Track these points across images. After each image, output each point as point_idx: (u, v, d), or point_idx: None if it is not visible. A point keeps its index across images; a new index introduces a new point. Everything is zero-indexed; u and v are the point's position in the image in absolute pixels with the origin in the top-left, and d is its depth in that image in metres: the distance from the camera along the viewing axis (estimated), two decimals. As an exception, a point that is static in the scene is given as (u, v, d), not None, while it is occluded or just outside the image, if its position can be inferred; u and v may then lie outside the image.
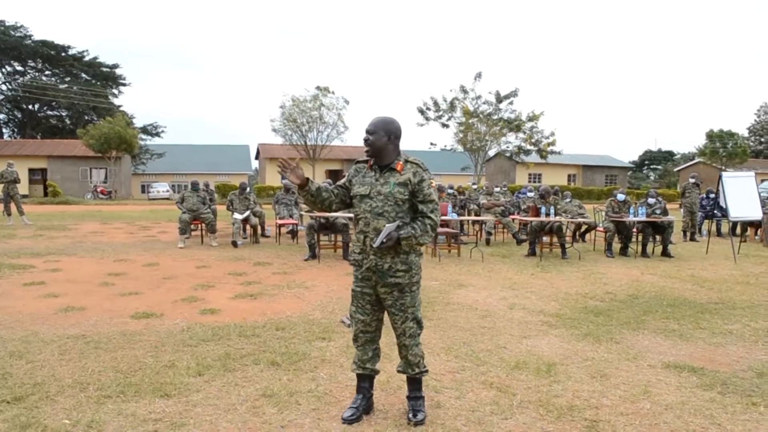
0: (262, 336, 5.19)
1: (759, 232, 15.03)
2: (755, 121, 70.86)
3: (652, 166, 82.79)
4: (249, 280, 8.00)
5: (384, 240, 3.21)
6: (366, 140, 3.33)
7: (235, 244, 11.40)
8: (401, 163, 3.37)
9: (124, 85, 55.68)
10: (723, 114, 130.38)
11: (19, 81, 52.96)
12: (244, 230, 12.81)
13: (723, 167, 47.29)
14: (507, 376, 4.27)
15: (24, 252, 10.36)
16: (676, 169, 64.55)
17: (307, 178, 3.35)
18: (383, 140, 3.31)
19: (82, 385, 3.93)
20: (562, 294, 7.40)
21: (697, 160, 55.74)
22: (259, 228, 12.63)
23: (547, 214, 10.68)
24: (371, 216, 3.32)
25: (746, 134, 61.42)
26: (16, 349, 4.72)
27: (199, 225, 12.21)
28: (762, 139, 68.13)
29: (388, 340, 4.01)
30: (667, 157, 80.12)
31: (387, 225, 3.25)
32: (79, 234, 13.85)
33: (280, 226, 12.66)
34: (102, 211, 23.72)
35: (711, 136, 46.89)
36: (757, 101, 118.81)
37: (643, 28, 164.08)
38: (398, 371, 3.61)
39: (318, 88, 36.72)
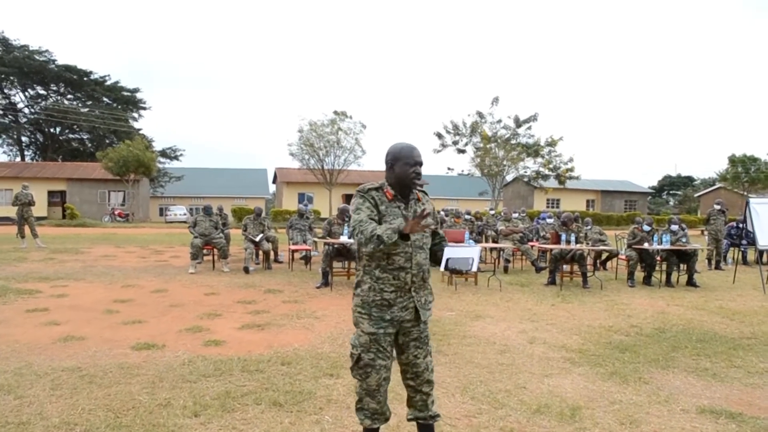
0: (267, 371, 4.90)
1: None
2: (777, 146, 69.85)
3: (671, 192, 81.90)
4: (258, 308, 7.73)
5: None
6: (419, 173, 3.09)
7: (246, 270, 11.15)
8: (419, 193, 3.23)
9: (144, 108, 56.22)
10: (743, 139, 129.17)
11: (41, 104, 53.65)
12: (257, 255, 12.57)
13: (745, 192, 46.54)
14: (528, 421, 3.93)
15: (32, 276, 10.19)
16: (696, 195, 63.71)
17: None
18: None
19: (69, 426, 3.67)
20: (584, 327, 7.03)
21: (718, 185, 54.98)
22: (271, 253, 12.39)
23: (568, 242, 10.33)
24: (413, 250, 3.04)
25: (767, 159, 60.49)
26: (7, 382, 4.48)
27: (212, 250, 11.98)
28: (784, 165, 67.07)
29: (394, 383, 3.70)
30: (686, 182, 79.26)
31: (448, 248, 3.21)
32: (90, 258, 13.70)
33: (294, 251, 12.41)
34: (117, 234, 23.67)
35: (733, 161, 46.18)
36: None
37: (663, 54, 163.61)
38: (410, 419, 3.30)
39: (335, 112, 36.73)
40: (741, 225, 15.05)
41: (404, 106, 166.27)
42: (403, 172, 3.07)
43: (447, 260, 3.19)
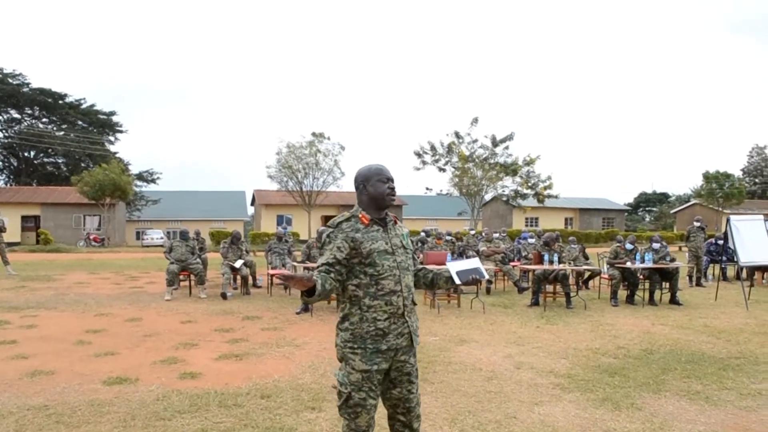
0: (245, 406, 4.67)
1: (766, 275, 14.61)
2: (748, 162, 71.10)
3: (647, 208, 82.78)
4: (236, 337, 7.48)
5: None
6: (394, 188, 2.99)
7: (224, 295, 10.88)
8: (394, 216, 3.11)
9: (120, 132, 55.65)
10: (716, 156, 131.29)
11: (15, 128, 52.87)
12: (234, 280, 12.31)
13: (720, 208, 47.14)
14: (520, 455, 3.76)
15: (1, 306, 9.84)
16: (672, 211, 64.41)
17: (314, 284, 2.64)
18: None
19: (32, 474, 3.41)
20: (571, 350, 6.89)
21: (693, 201, 55.62)
22: (249, 278, 12.13)
23: (551, 262, 10.23)
24: (400, 271, 2.89)
25: (740, 175, 61.48)
26: (-32, 425, 4.21)
27: (188, 276, 11.68)
28: (756, 180, 68.21)
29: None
30: (662, 199, 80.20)
31: (450, 263, 3.09)
32: (63, 285, 13.33)
33: (272, 276, 12.16)
34: (92, 260, 23.20)
35: (708, 177, 46.78)
36: (748, 143, 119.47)
37: (639, 73, 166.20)
38: None
39: (314, 134, 36.61)
40: (719, 241, 15.13)
41: (383, 127, 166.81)
42: (378, 189, 2.93)
43: (457, 274, 3.04)
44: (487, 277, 3.10)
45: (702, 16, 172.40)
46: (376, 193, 2.93)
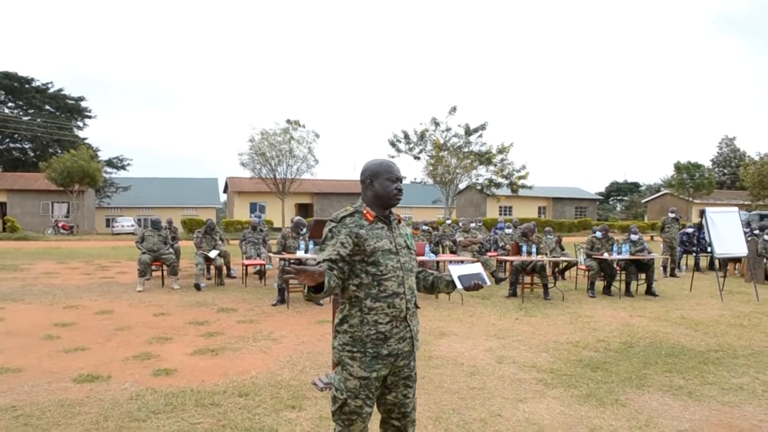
0: (223, 405, 4.52)
1: (738, 266, 14.79)
2: (717, 153, 72.21)
3: (618, 197, 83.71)
4: (211, 330, 7.30)
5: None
6: (401, 189, 2.85)
7: (198, 287, 10.65)
8: (398, 214, 2.96)
9: (89, 117, 54.50)
10: (687, 146, 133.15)
11: (-21, 113, 51.51)
12: (208, 270, 12.08)
13: (690, 198, 47.83)
14: (508, 456, 3.67)
15: (-34, 298, 9.52)
16: (643, 201, 65.22)
17: (323, 280, 2.45)
18: None
19: (-2, 482, 3.24)
20: (551, 343, 6.84)
21: (663, 191, 56.36)
22: (224, 269, 11.91)
23: (529, 253, 10.19)
24: (404, 273, 2.75)
25: (710, 166, 62.44)
26: (-71, 428, 4.00)
27: (161, 266, 11.41)
28: (725, 171, 69.33)
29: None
30: (632, 188, 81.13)
31: (452, 266, 2.91)
32: (30, 275, 12.97)
33: (247, 266, 11.96)
34: (61, 249, 22.69)
35: (679, 167, 47.36)
36: (718, 134, 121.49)
37: (610, 63, 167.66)
38: None
39: (288, 121, 36.15)
40: (690, 230, 15.28)
41: (358, 116, 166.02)
42: (385, 188, 2.79)
43: (459, 278, 2.90)
44: (489, 283, 2.96)
45: (674, 9, 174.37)
46: (382, 192, 2.79)
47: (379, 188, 2.79)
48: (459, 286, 2.85)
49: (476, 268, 2.93)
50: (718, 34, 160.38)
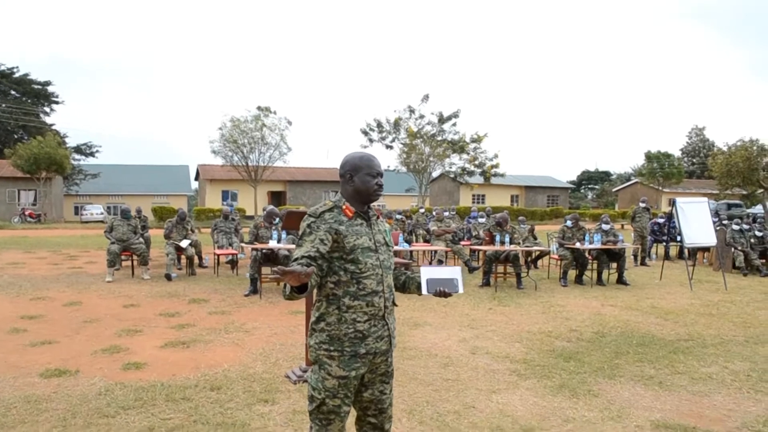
0: (194, 399, 4.45)
1: (707, 255, 15.02)
2: (687, 143, 73.30)
3: (589, 186, 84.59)
4: (182, 322, 7.20)
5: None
6: (382, 185, 2.77)
7: (169, 277, 10.50)
8: (377, 209, 2.89)
9: (56, 102, 53.21)
10: (657, 136, 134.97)
11: (-60, 97, 50.10)
12: (179, 261, 11.91)
13: (660, 187, 48.54)
14: (482, 449, 3.67)
15: (-72, 290, 9.27)
16: (614, 189, 65.98)
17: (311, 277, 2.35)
18: None
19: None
20: (524, 333, 6.87)
21: (634, 180, 57.08)
22: (195, 258, 11.76)
23: (502, 243, 10.22)
24: (383, 270, 2.69)
25: (679, 155, 63.31)
26: None
27: (130, 256, 11.21)
28: (694, 160, 70.40)
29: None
30: (604, 177, 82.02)
31: (424, 268, 2.82)
32: (-4, 266, 12.68)
33: (219, 255, 11.82)
34: (28, 237, 22.22)
35: (649, 157, 48.03)
36: (688, 124, 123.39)
37: (581, 53, 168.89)
38: None
39: (259, 108, 35.76)
40: (660, 220, 15.48)
41: (330, 102, 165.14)
42: (365, 183, 2.71)
43: (427, 282, 2.83)
44: (461, 291, 2.89)
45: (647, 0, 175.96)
46: (362, 188, 2.72)
47: (360, 183, 2.72)
48: (425, 290, 2.80)
49: (451, 273, 2.86)
50: (689, 25, 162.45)
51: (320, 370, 2.65)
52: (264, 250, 9.27)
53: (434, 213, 14.67)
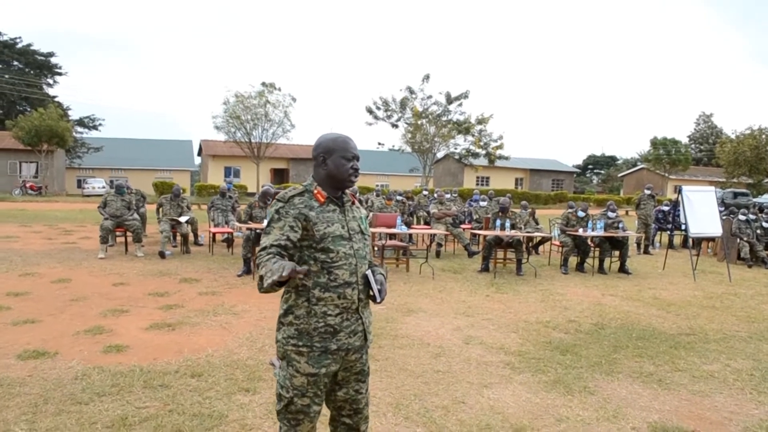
0: (173, 386, 4.27)
1: (711, 245, 14.79)
2: (694, 129, 72.70)
3: (595, 171, 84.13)
4: (170, 302, 7.01)
5: (380, 289, 2.50)
6: (357, 169, 2.55)
7: (162, 254, 10.32)
8: (351, 195, 2.66)
9: (59, 74, 52.81)
10: (664, 122, 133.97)
11: (-57, 67, 49.75)
12: (174, 238, 11.73)
13: (666, 174, 48.11)
14: (469, 450, 3.48)
15: None
16: (620, 175, 65.54)
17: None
18: None
19: None
20: (521, 322, 6.68)
21: (640, 166, 56.64)
22: (190, 236, 11.57)
23: (503, 228, 10.00)
24: (357, 260, 2.49)
25: (686, 142, 62.74)
26: None
27: (125, 232, 11.02)
28: (701, 147, 69.85)
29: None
30: (609, 162, 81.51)
31: (367, 272, 2.51)
32: (-10, 238, 12.52)
33: (214, 234, 11.63)
34: (26, 210, 22.09)
35: (655, 143, 47.54)
36: (696, 110, 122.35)
37: (591, 37, 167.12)
38: None
39: (263, 84, 35.39)
40: (665, 208, 15.23)
41: (336, 80, 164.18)
42: (339, 167, 2.49)
43: (378, 291, 2.56)
44: (382, 297, 2.59)
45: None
46: (336, 171, 2.50)
47: (333, 167, 2.50)
48: (378, 299, 2.54)
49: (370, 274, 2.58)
50: (699, 10, 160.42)
51: (288, 366, 2.46)
52: (258, 230, 9.07)
53: (435, 195, 14.44)
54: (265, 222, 2.50)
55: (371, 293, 2.52)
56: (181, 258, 10.55)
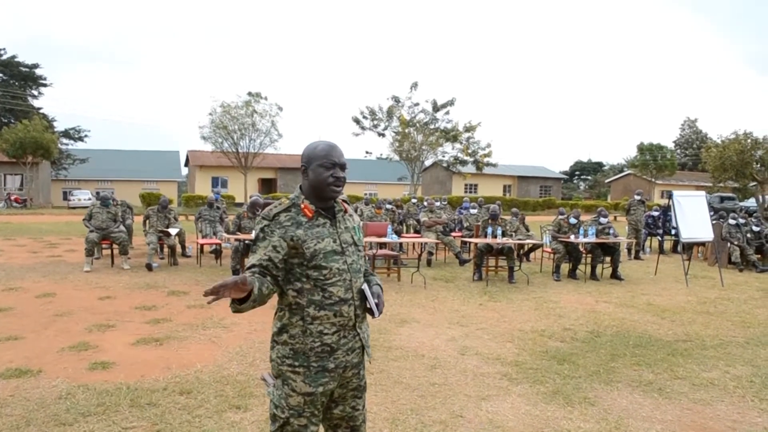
0: (161, 404, 4.13)
1: (701, 250, 14.78)
2: (680, 134, 73.19)
3: (582, 177, 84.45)
4: (158, 316, 6.85)
5: (377, 303, 2.41)
6: (339, 177, 2.38)
7: (149, 267, 10.13)
8: (344, 203, 2.52)
9: (44, 85, 52.27)
10: (650, 128, 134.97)
11: (-75, 79, 49.14)
12: (161, 250, 11.55)
13: (653, 179, 48.35)
14: (469, 467, 3.36)
15: None
16: (607, 180, 65.82)
17: (251, 288, 2.11)
18: None
19: None
20: (516, 331, 6.57)
21: (627, 171, 56.91)
22: (178, 247, 11.39)
23: (495, 236, 9.91)
24: (351, 274, 2.36)
25: (672, 147, 63.13)
26: None
27: (111, 245, 10.82)
28: (686, 152, 70.31)
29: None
30: (596, 168, 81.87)
31: (363, 287, 2.39)
32: (-28, 253, 12.28)
33: (202, 245, 11.47)
34: (11, 223, 21.77)
35: (642, 149, 47.79)
36: (681, 116, 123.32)
37: (576, 44, 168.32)
38: None
39: (250, 93, 35.24)
40: (655, 213, 15.22)
41: (323, 89, 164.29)
42: (318, 176, 2.34)
43: (376, 305, 2.44)
44: (379, 313, 2.49)
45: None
46: (316, 181, 2.36)
47: (313, 177, 2.36)
48: (377, 315, 2.43)
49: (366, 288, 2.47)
50: (684, 16, 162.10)
51: (284, 386, 2.34)
52: (246, 241, 8.93)
53: (425, 203, 14.35)
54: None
55: (368, 307, 2.41)
56: (168, 270, 10.37)
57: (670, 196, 10.70)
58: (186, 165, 55.03)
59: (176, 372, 4.87)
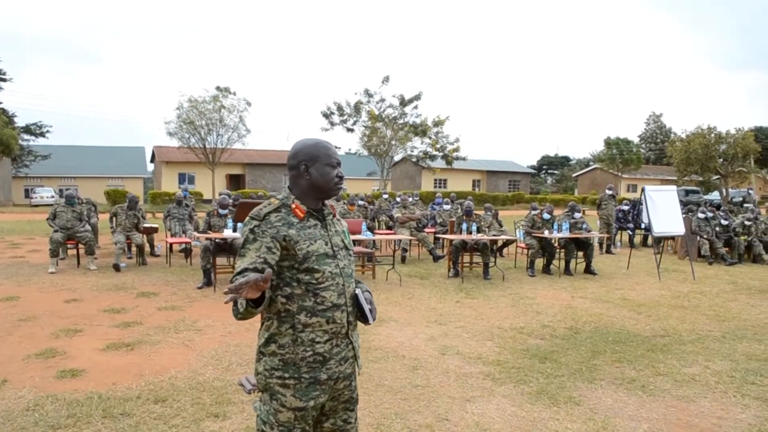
0: (135, 414, 3.95)
1: (671, 243, 14.95)
2: (645, 129, 74.32)
3: (549, 171, 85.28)
4: (128, 319, 6.63)
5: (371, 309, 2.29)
6: (342, 177, 2.32)
7: (117, 267, 9.84)
8: (331, 204, 2.40)
9: (4, 80, 50.89)
10: (616, 122, 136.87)
11: None
12: (129, 249, 11.25)
13: (619, 173, 49.00)
14: (459, 474, 3.27)
15: None
16: (574, 175, 66.55)
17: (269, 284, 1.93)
18: None
19: None
20: (495, 329, 6.51)
21: (593, 165, 57.59)
22: (146, 247, 11.11)
23: (469, 232, 9.86)
24: (344, 279, 2.24)
25: (638, 141, 64.06)
26: None
27: (76, 245, 10.50)
28: (651, 147, 71.45)
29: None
30: (563, 162, 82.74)
31: (357, 292, 2.27)
32: (-70, 254, 11.83)
33: (172, 244, 11.20)
34: (-30, 222, 21.12)
35: (609, 143, 48.36)
36: (646, 110, 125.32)
37: (542, 38, 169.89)
38: None
39: (218, 88, 34.70)
40: (625, 208, 15.36)
41: (291, 85, 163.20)
42: (325, 176, 2.25)
43: (369, 311, 2.34)
44: (373, 318, 2.37)
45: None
46: (321, 181, 2.25)
47: (317, 176, 2.24)
48: (371, 320, 2.32)
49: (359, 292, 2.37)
50: (650, 11, 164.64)
51: (272, 401, 2.19)
52: (217, 240, 8.73)
53: (398, 199, 14.24)
54: (240, 240, 2.24)
55: (361, 314, 2.30)
56: (137, 270, 10.10)
57: (642, 191, 10.76)
58: (152, 161, 54.08)
59: (149, 379, 4.69)
